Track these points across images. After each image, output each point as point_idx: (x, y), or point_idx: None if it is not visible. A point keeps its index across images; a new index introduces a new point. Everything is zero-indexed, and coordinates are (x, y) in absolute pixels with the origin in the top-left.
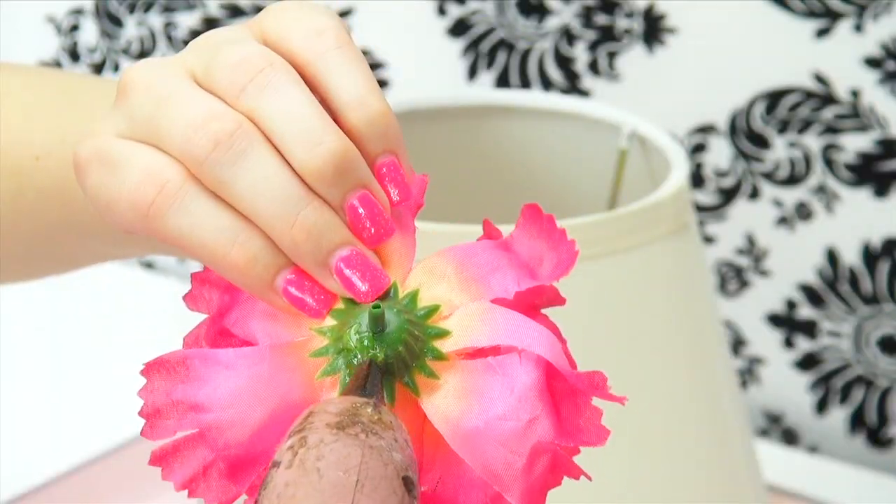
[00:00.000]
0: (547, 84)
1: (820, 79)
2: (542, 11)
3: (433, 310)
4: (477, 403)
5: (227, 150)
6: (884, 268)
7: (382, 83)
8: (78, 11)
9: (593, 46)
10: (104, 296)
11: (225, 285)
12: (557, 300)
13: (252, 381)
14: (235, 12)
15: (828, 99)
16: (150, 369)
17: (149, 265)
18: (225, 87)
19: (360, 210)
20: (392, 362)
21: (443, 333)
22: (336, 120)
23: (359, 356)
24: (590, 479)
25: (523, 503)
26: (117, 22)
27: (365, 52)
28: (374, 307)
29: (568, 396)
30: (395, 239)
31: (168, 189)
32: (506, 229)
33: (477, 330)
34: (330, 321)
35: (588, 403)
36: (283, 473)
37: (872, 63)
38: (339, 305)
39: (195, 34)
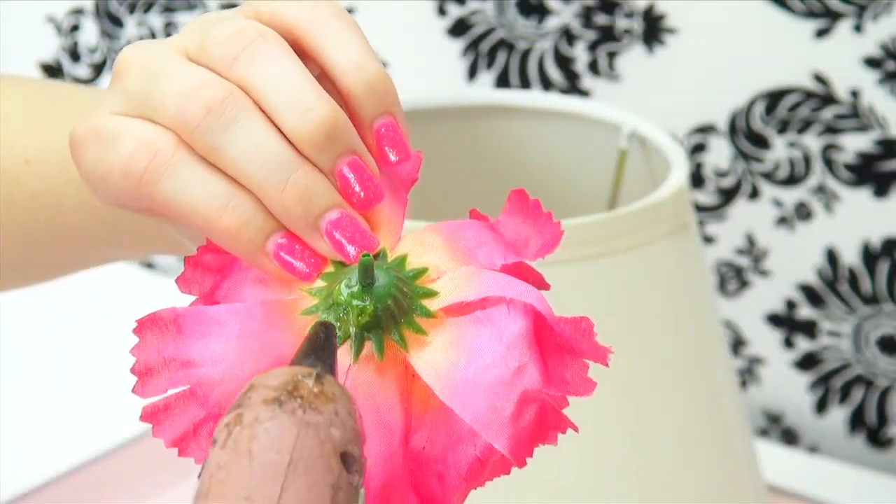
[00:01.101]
0: (547, 84)
1: (820, 79)
2: (542, 11)
3: (421, 272)
4: (465, 355)
5: (218, 117)
6: (883, 268)
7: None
8: (78, 11)
9: (593, 46)
10: (104, 296)
11: (217, 267)
12: (542, 285)
13: (243, 338)
14: None
15: (828, 99)
16: (143, 327)
17: (149, 265)
18: (217, 58)
19: (350, 175)
20: (381, 315)
21: (431, 293)
22: (334, 85)
23: (348, 309)
24: (577, 430)
25: (512, 451)
26: (117, 22)
27: None
28: (364, 256)
29: (555, 350)
30: (385, 207)
31: (161, 156)
32: None
33: (464, 288)
34: (319, 283)
35: (574, 357)
36: (217, 454)
37: (872, 63)
38: (329, 269)
39: None
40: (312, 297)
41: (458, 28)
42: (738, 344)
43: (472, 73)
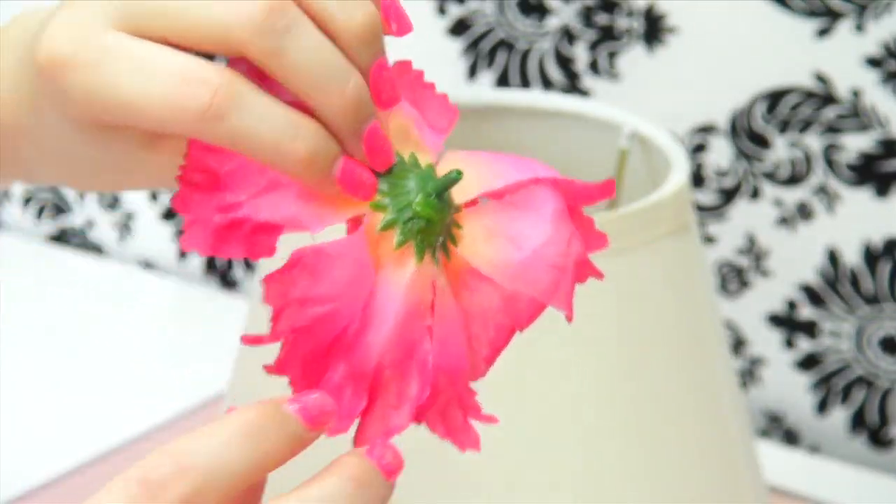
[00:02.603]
0: (547, 84)
1: (820, 79)
2: (542, 11)
3: (432, 168)
4: (509, 240)
5: (281, 17)
6: (885, 268)
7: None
8: None
9: (593, 46)
10: (104, 296)
11: (211, 183)
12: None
13: (358, 268)
14: None
15: (828, 99)
16: (271, 280)
17: (148, 265)
18: None
19: (381, 75)
20: (449, 222)
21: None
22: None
23: (432, 221)
24: (601, 276)
25: (570, 310)
26: None
27: None
28: (458, 173)
29: (572, 212)
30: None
31: (226, 90)
32: None
33: (480, 175)
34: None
35: (584, 215)
36: None
37: (873, 63)
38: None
39: None
40: (376, 212)
41: (458, 28)
42: (738, 344)
43: (472, 73)
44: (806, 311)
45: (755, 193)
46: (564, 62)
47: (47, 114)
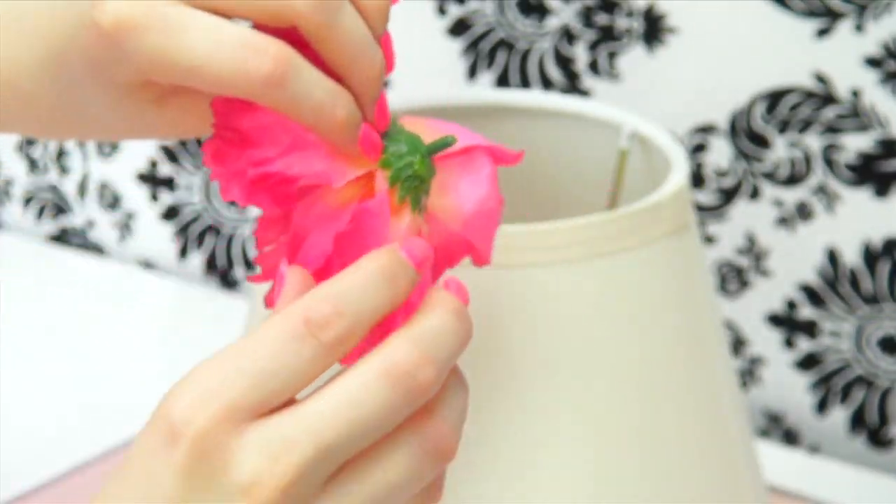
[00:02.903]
0: (547, 84)
1: (820, 79)
2: (542, 11)
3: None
4: (457, 196)
5: None
6: (884, 268)
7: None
8: None
9: (593, 46)
10: (104, 296)
11: (239, 140)
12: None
13: (384, 219)
14: None
15: (828, 99)
16: (340, 240)
17: (149, 265)
18: None
19: (387, 43)
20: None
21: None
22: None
23: (424, 177)
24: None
25: (490, 253)
26: None
27: None
28: (452, 138)
29: None
30: None
31: (285, 60)
32: (506, 229)
33: (433, 140)
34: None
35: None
36: None
37: (873, 63)
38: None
39: None
40: (383, 169)
41: (458, 28)
42: (738, 344)
43: (472, 73)
44: (806, 311)
45: (755, 193)
46: (564, 62)
47: (69, 74)
